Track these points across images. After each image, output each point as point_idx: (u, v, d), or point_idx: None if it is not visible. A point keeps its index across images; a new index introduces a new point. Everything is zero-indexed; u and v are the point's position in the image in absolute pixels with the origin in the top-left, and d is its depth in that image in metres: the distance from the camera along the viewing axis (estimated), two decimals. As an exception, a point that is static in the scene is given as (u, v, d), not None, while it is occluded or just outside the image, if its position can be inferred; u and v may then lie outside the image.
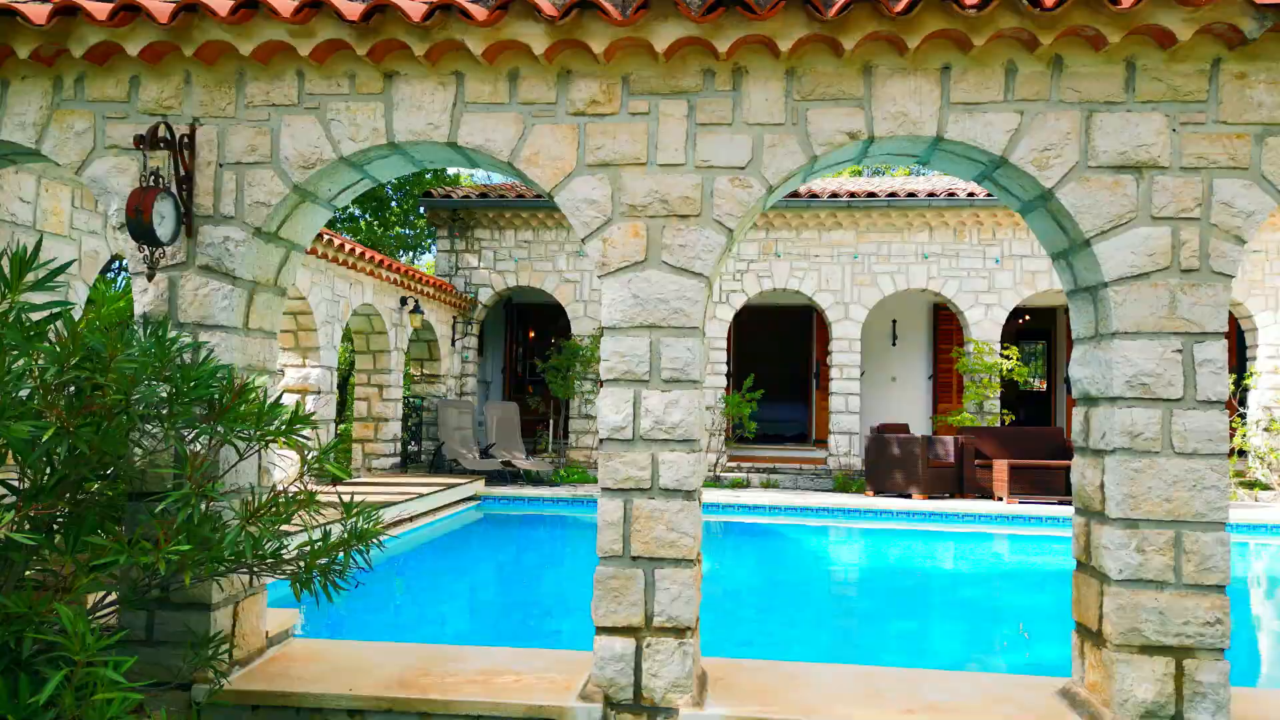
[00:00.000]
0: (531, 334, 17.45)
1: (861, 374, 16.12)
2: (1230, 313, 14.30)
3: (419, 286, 11.69)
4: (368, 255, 9.60)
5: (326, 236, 8.55)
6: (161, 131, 3.20)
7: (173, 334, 3.09)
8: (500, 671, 3.41)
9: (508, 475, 12.28)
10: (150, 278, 3.18)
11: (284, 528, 3.00)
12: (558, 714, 3.08)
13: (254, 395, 2.92)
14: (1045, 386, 18.74)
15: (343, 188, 3.57)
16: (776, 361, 17.81)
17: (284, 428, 2.95)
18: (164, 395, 2.77)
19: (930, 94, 3.09)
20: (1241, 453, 13.26)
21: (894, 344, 15.93)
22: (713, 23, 3.02)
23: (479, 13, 3.05)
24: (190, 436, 2.86)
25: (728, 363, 16.08)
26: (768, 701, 3.14)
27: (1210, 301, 2.97)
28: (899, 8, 2.91)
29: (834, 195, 13.58)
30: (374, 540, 3.01)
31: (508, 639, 5.83)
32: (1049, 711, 3.12)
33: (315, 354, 9.13)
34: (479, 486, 10.86)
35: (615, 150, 3.21)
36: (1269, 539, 9.75)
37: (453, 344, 13.95)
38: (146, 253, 3.14)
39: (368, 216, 19.62)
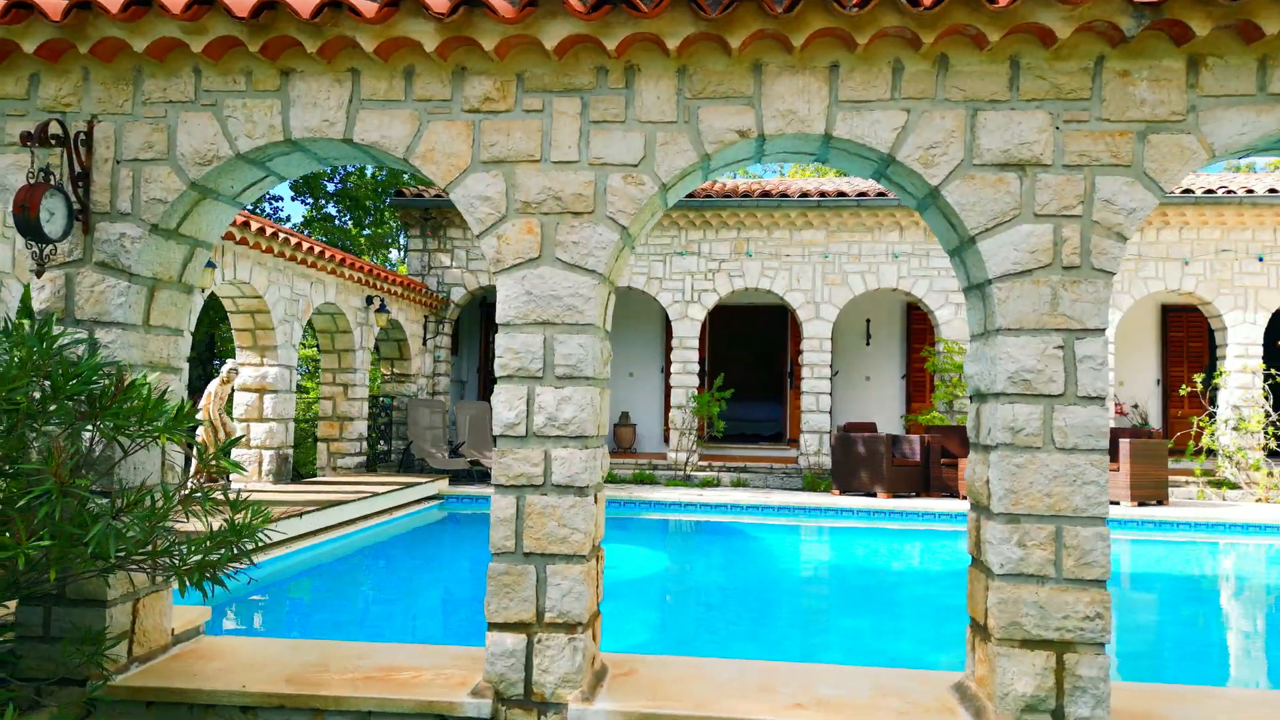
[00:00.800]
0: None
1: (835, 373, 16.18)
2: (1200, 311, 14.40)
3: (386, 285, 11.68)
4: (328, 254, 9.59)
5: (283, 235, 8.54)
6: (54, 128, 3.20)
7: (58, 330, 3.08)
8: (402, 668, 3.42)
9: (475, 474, 12.27)
10: (39, 274, 3.18)
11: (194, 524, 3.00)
12: (447, 709, 3.09)
13: (140, 392, 2.92)
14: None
15: (246, 185, 3.57)
16: (754, 361, 17.85)
17: (169, 424, 2.95)
18: (40, 393, 2.77)
19: (819, 92, 3.11)
20: (1210, 452, 13.34)
21: (868, 343, 15.97)
22: (601, 20, 3.03)
23: (368, 9, 3.06)
24: (64, 433, 2.86)
25: (700, 362, 16.14)
26: (660, 696, 3.15)
27: (1091, 298, 3.00)
28: (782, 7, 2.93)
29: (804, 194, 13.62)
30: (259, 537, 3.01)
31: (443, 636, 5.85)
32: (937, 705, 3.14)
33: (273, 353, 9.11)
34: (442, 485, 10.85)
35: (509, 147, 3.22)
36: (1237, 538, 9.79)
37: (424, 343, 13.94)
38: (36, 249, 3.14)
39: (345, 217, 19.60)
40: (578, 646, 3.11)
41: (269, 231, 8.15)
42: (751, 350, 17.76)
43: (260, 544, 3.05)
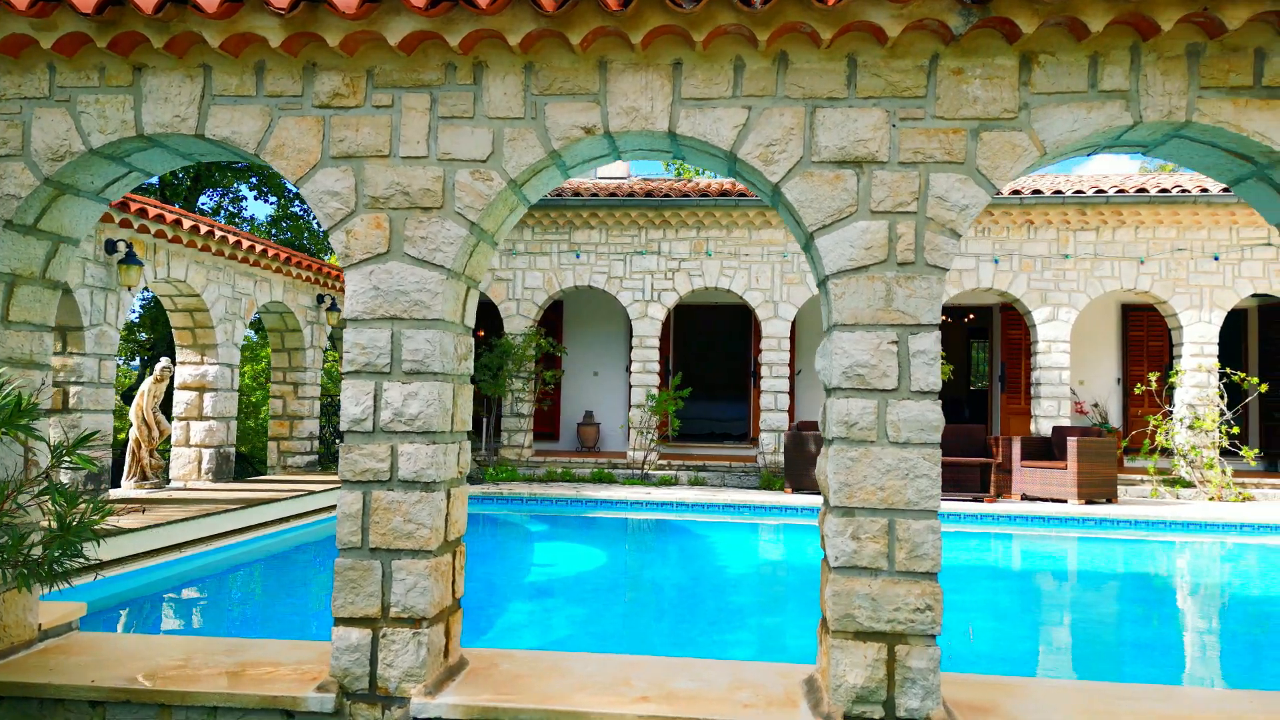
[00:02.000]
0: (481, 333, 17.44)
1: (798, 372, 16.24)
2: (1157, 310, 14.49)
3: (339, 284, 11.66)
4: (271, 252, 9.57)
5: (220, 233, 8.52)
6: (-99, 123, 3.20)
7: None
8: (262, 664, 3.42)
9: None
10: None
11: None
12: (291, 704, 3.10)
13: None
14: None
15: (108, 180, 3.57)
16: (721, 360, 17.91)
17: (5, 419, 2.95)
18: None
19: (662, 89, 3.13)
20: (1166, 451, 13.42)
21: (830, 343, 15.99)
22: (443, 17, 3.05)
23: (210, 5, 3.07)
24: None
25: (664, 361, 16.17)
26: (509, 690, 3.17)
27: (925, 294, 3.03)
28: (616, 4, 2.95)
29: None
30: (93, 535, 3.01)
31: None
32: (784, 697, 3.16)
33: (213, 351, 9.09)
34: (392, 484, 10.84)
35: (359, 142, 3.23)
36: (1179, 536, 9.86)
37: (384, 342, 13.92)
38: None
39: (314, 215, 19.53)
40: (422, 641, 3.12)
41: (203, 229, 8.13)
42: (718, 349, 17.82)
43: (98, 539, 3.04)
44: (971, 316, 17.37)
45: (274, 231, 18.91)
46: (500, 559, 8.97)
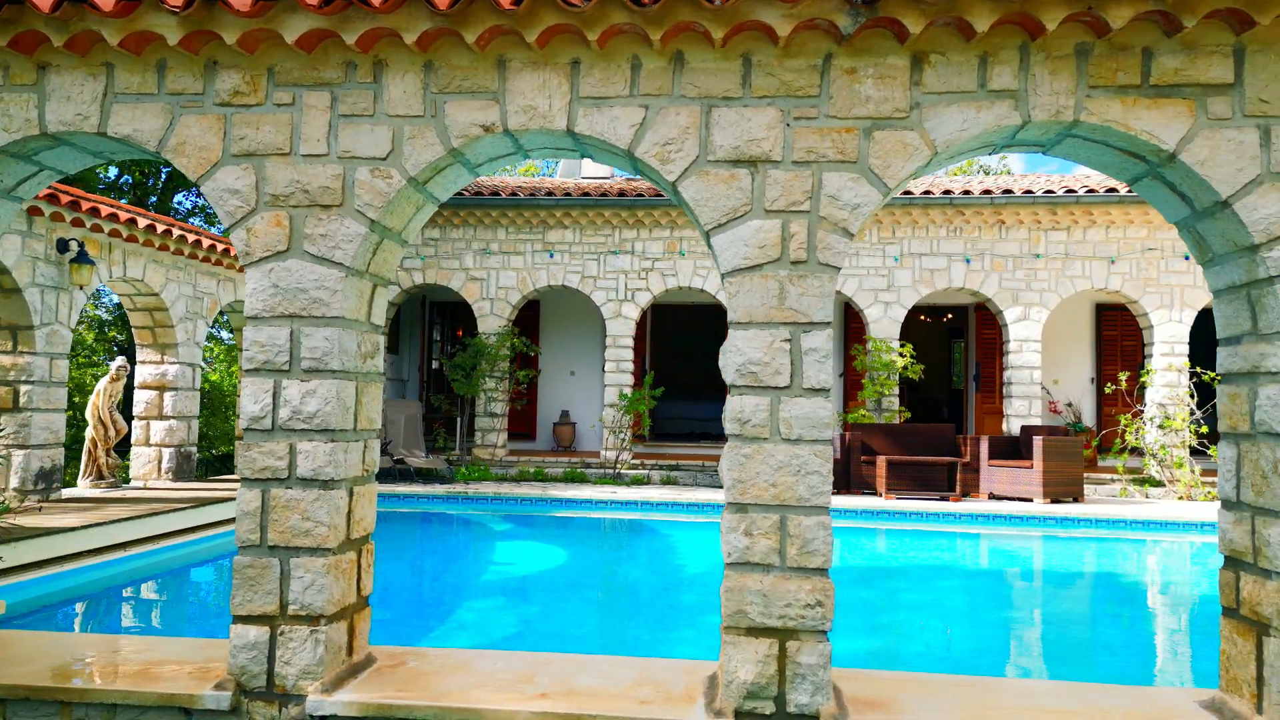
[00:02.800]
0: (460, 332, 17.43)
1: (775, 372, 16.25)
2: (1129, 310, 14.55)
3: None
4: (234, 252, 9.54)
5: (179, 232, 8.50)
6: None
7: None
8: (169, 662, 3.43)
9: (396, 473, 12.26)
10: None
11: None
12: (188, 702, 3.10)
13: None
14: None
15: (18, 179, 3.57)
16: (699, 360, 17.92)
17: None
18: None
19: (560, 88, 3.14)
20: (1137, 450, 13.48)
21: (806, 342, 16.02)
22: (340, 15, 3.06)
23: (106, 4, 3.07)
24: None
25: (641, 360, 16.19)
26: (407, 688, 3.17)
27: (817, 292, 3.04)
28: (509, 2, 2.96)
29: (735, 194, 13.66)
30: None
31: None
32: (683, 693, 3.17)
33: (174, 350, 9.07)
34: (358, 484, 10.83)
35: (259, 140, 3.23)
36: (1144, 534, 9.89)
37: (357, 342, 13.88)
38: None
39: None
40: (319, 639, 3.13)
41: (160, 228, 8.12)
42: (696, 349, 17.84)
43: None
44: (949, 316, 17.41)
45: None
46: (460, 558, 8.97)
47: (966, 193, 13.34)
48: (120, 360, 8.41)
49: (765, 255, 3.06)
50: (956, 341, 20.01)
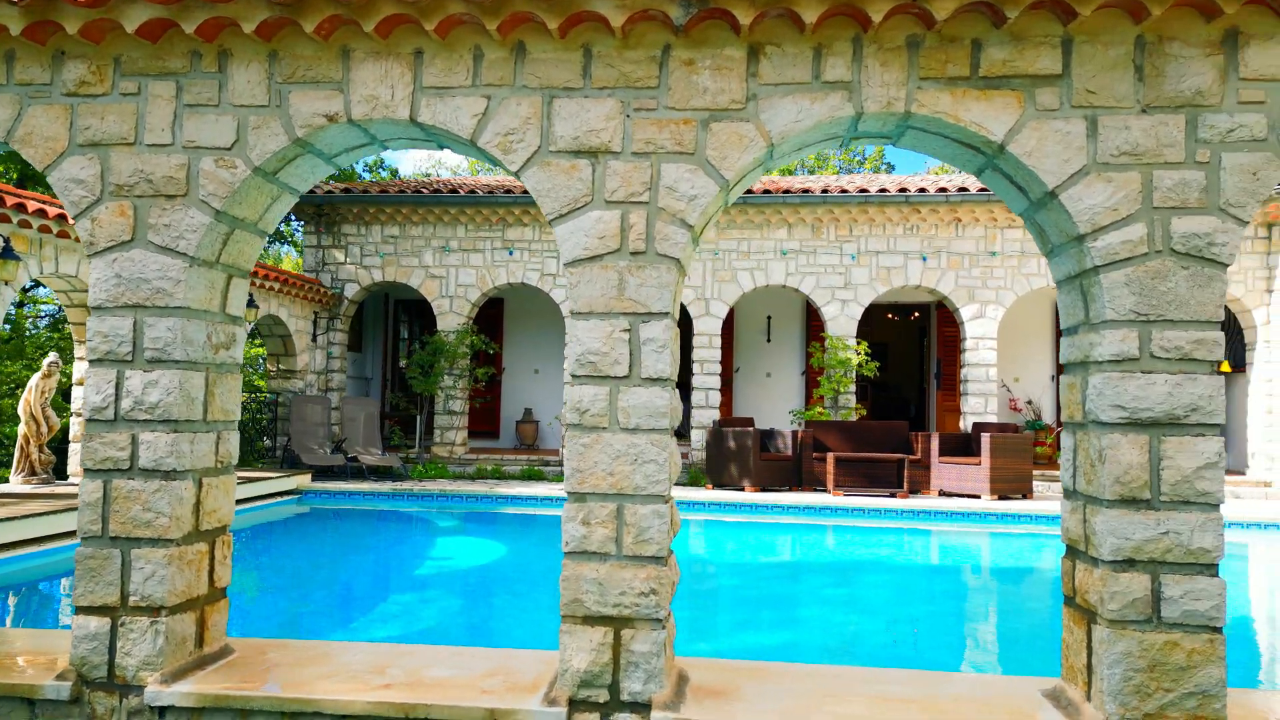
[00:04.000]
0: (428, 330, 17.38)
1: (737, 370, 16.30)
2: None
3: (260, 280, 11.60)
4: (176, 247, 9.50)
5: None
6: None
7: None
8: (23, 653, 3.41)
9: (349, 471, 12.23)
10: None
11: None
12: (29, 692, 3.09)
13: None
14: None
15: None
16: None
17: None
18: None
19: (403, 78, 3.14)
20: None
21: (768, 340, 16.09)
22: (180, 4, 3.05)
23: (-58, -8, 3.05)
24: None
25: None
26: (253, 679, 3.16)
27: (656, 283, 3.05)
28: (344, -9, 2.96)
29: (692, 192, 13.68)
30: None
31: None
32: (530, 683, 3.17)
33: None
34: (303, 480, 10.80)
35: (105, 130, 3.22)
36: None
37: (313, 339, 13.86)
38: None
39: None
40: (160, 630, 3.12)
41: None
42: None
43: None
44: (916, 315, 17.48)
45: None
46: (398, 553, 8.96)
47: (922, 190, 13.39)
48: (52, 357, 8.36)
49: (605, 246, 3.07)
50: (927, 340, 20.12)
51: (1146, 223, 2.85)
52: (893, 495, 11.16)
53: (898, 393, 19.30)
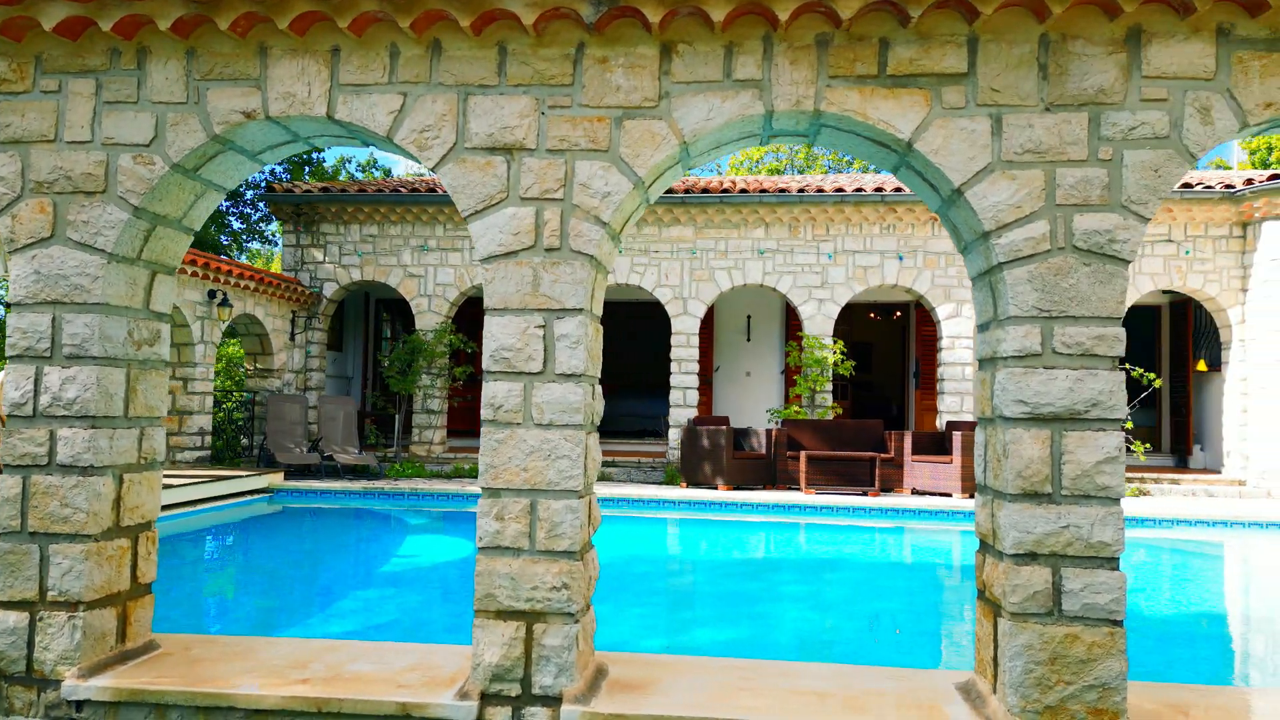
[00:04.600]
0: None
1: (717, 369, 16.33)
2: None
3: (233, 280, 11.60)
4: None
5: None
6: None
7: None
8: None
9: (325, 470, 12.23)
10: None
11: None
12: (-56, 687, 3.10)
13: None
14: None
15: None
16: (647, 356, 17.98)
17: None
18: None
19: (319, 75, 3.15)
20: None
21: (748, 339, 16.12)
22: (97, 2, 3.06)
23: None
24: None
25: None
26: (172, 674, 3.17)
27: (570, 279, 3.07)
28: (258, -11, 2.98)
29: (670, 192, 13.72)
30: None
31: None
32: (448, 678, 3.19)
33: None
34: (275, 479, 10.80)
35: (25, 127, 3.23)
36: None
37: (291, 338, 13.85)
38: None
39: (232, 215, 19.38)
40: (77, 625, 3.13)
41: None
42: (643, 345, 17.88)
43: None
44: (898, 314, 17.54)
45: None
46: (366, 551, 8.97)
47: (898, 189, 13.43)
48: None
49: (520, 242, 3.09)
50: (908, 339, 20.16)
51: (1049, 220, 2.88)
52: (865, 494, 11.19)
53: (879, 392, 19.36)
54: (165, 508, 8.49)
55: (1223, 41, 2.83)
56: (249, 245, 21.44)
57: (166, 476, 9.54)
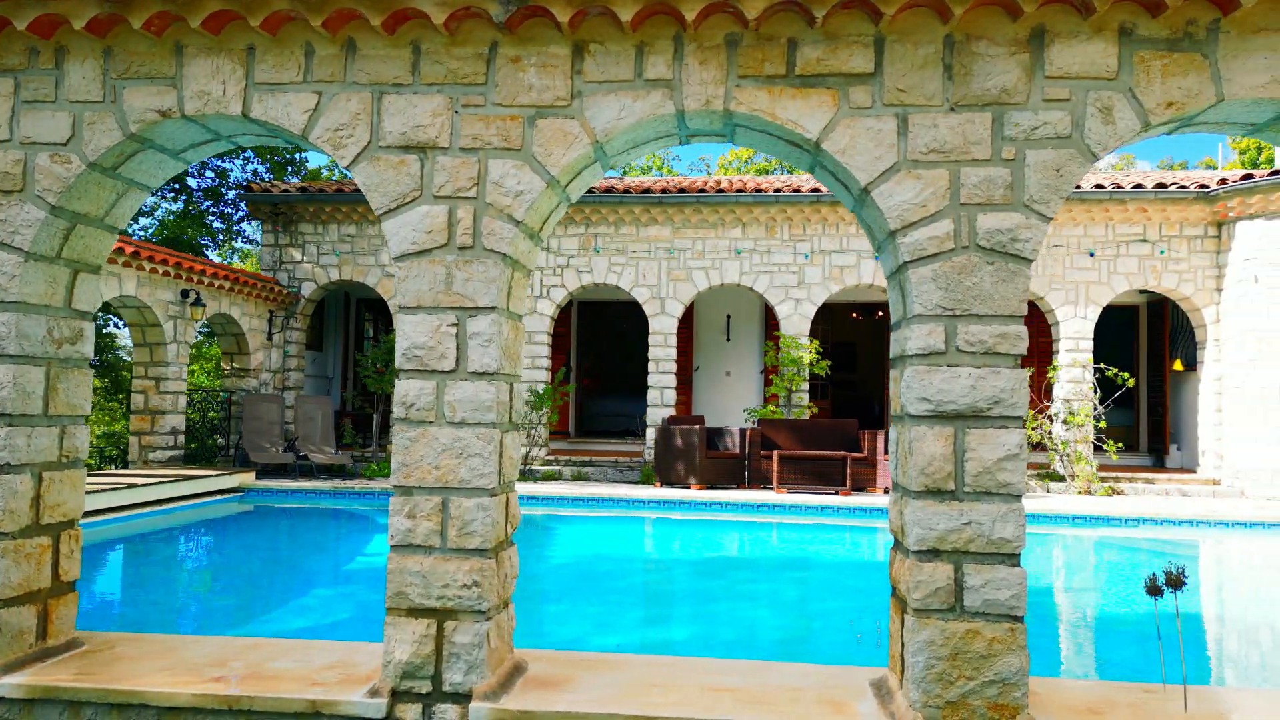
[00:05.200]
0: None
1: (697, 368, 16.36)
2: (1036, 305, 14.74)
3: (208, 279, 11.59)
4: (114, 247, 9.48)
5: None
6: None
7: None
8: None
9: (299, 469, 12.22)
10: None
11: None
12: None
13: None
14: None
15: None
16: (632, 356, 17.98)
17: None
18: None
19: (234, 74, 3.16)
20: (1040, 446, 13.64)
21: (728, 339, 16.14)
22: (12, 1, 3.07)
23: None
24: None
25: (562, 357, 16.21)
26: (89, 672, 3.18)
27: (483, 277, 3.08)
28: (167, -12, 2.98)
29: (646, 191, 13.74)
30: None
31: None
32: (364, 675, 3.19)
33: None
34: (247, 478, 10.79)
35: (-58, 126, 3.23)
36: (1042, 528, 9.96)
37: (269, 338, 13.83)
38: None
39: (213, 215, 19.32)
40: (-8, 621, 3.13)
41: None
42: (627, 345, 17.89)
43: None
44: (880, 314, 17.58)
45: (148, 233, 18.66)
46: (334, 549, 8.98)
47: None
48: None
49: (433, 240, 3.10)
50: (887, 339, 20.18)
51: (954, 219, 2.90)
52: (836, 493, 11.22)
53: (862, 391, 19.39)
54: (130, 507, 8.51)
55: (1125, 41, 2.86)
56: (237, 247, 21.38)
57: (132, 476, 9.53)
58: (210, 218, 19.04)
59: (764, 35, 2.98)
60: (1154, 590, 2.84)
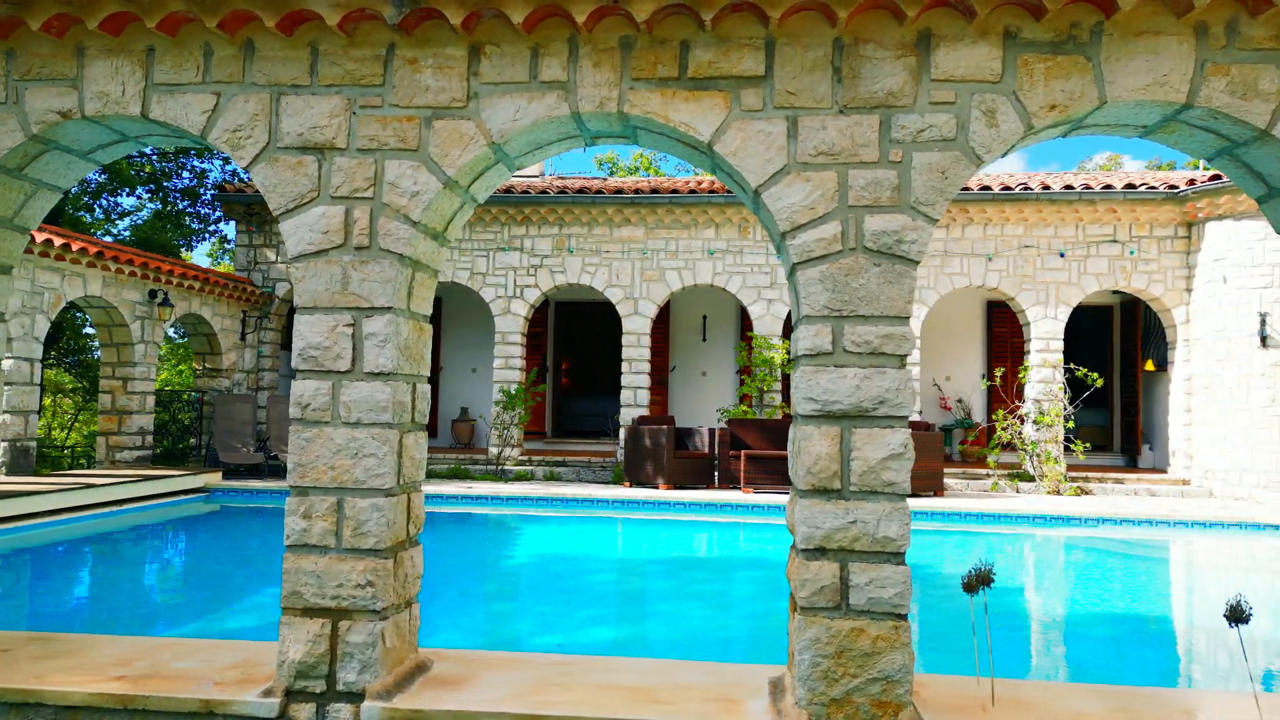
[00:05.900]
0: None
1: (673, 368, 16.38)
2: (1007, 306, 14.79)
3: (177, 280, 11.57)
4: (77, 247, 9.47)
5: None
6: None
7: None
8: None
9: (269, 469, 12.21)
10: None
11: None
12: None
13: None
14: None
15: None
16: (610, 357, 17.99)
17: None
18: None
19: (134, 75, 3.17)
20: (1010, 446, 13.68)
21: (704, 339, 16.17)
22: (-92, 1, 3.07)
23: None
24: None
25: (538, 357, 16.23)
26: (-10, 671, 3.19)
27: (379, 277, 3.10)
28: (63, -11, 2.99)
29: (619, 192, 13.76)
30: None
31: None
32: (268, 675, 3.21)
33: (8, 345, 8.99)
34: (213, 478, 10.78)
35: None
36: (995, 528, 10.03)
37: (242, 338, 13.81)
38: None
39: (190, 216, 19.25)
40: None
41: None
42: (604, 346, 17.90)
43: None
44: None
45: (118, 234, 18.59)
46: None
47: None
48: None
49: (330, 241, 3.11)
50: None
51: (841, 221, 2.92)
52: (805, 493, 11.24)
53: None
54: (87, 508, 8.48)
55: (1009, 44, 2.88)
56: (227, 248, 21.30)
57: (91, 476, 9.51)
58: (187, 218, 18.99)
59: (657, 38, 3.00)
60: (969, 588, 2.91)
